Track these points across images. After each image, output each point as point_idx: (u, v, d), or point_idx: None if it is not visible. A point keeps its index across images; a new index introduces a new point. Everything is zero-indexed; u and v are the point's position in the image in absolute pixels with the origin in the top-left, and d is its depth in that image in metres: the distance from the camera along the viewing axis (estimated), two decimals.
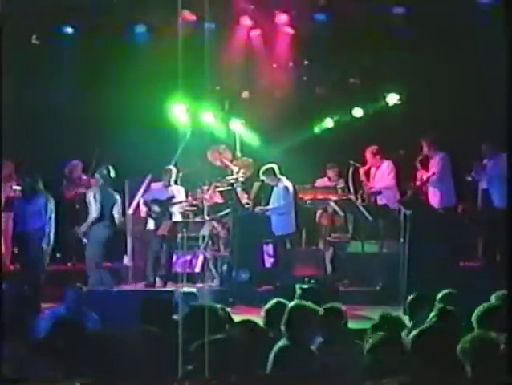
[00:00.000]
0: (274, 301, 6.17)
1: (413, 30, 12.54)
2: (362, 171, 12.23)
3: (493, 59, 11.63)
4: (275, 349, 5.06)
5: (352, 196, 11.90)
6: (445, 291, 6.63)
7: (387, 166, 12.13)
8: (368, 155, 12.20)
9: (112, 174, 10.92)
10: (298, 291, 6.95)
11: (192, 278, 11.62)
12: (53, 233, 10.69)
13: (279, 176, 11.90)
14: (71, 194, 12.30)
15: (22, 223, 10.58)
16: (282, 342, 5.19)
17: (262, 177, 12.01)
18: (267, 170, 11.88)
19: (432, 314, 5.96)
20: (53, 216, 10.68)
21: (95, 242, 10.71)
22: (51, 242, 10.69)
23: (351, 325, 6.83)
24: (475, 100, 12.30)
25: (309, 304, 5.60)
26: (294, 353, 4.98)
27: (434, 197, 11.59)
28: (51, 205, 10.67)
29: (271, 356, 4.97)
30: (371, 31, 12.76)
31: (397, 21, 12.76)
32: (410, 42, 12.54)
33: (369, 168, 12.25)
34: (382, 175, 12.14)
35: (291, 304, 5.57)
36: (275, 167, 11.91)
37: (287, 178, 12.11)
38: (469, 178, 11.50)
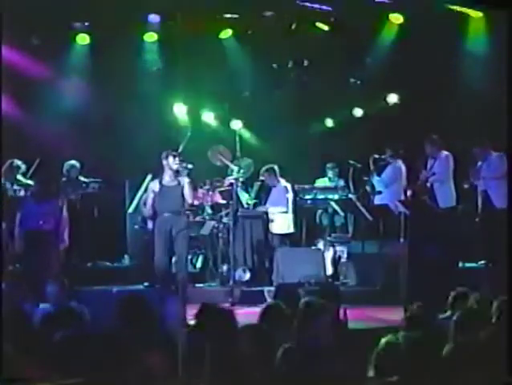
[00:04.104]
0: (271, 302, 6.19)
1: (412, 30, 12.56)
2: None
3: (494, 59, 11.69)
4: (281, 350, 5.04)
5: (353, 196, 11.90)
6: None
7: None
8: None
9: None
10: (303, 293, 6.96)
11: (192, 278, 11.62)
12: (67, 233, 10.70)
13: (279, 177, 12.00)
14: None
15: (36, 223, 10.56)
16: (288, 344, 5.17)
17: (262, 177, 12.09)
18: (268, 170, 12.01)
19: None
20: (67, 215, 10.71)
21: None
22: (66, 243, 10.70)
23: (351, 325, 6.86)
24: (474, 100, 12.31)
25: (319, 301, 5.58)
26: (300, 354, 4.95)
27: (436, 197, 11.57)
28: (66, 206, 10.70)
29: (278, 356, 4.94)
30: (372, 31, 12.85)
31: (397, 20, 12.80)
32: (409, 42, 12.56)
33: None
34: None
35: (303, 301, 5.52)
36: (276, 167, 12.00)
37: (287, 178, 12.17)
38: (466, 186, 11.50)
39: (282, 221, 11.97)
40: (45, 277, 9.62)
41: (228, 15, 12.97)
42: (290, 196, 12.01)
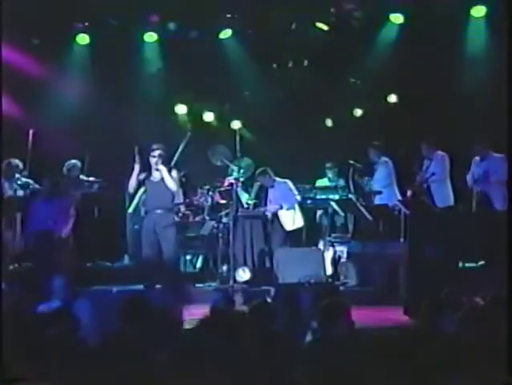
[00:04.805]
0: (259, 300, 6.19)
1: (412, 30, 12.56)
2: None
3: (493, 58, 11.70)
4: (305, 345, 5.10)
5: (353, 196, 11.90)
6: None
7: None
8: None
9: None
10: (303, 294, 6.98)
11: (192, 278, 11.62)
12: (72, 231, 10.71)
13: (274, 176, 11.99)
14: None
15: (44, 223, 10.55)
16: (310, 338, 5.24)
17: (257, 179, 12.08)
18: (262, 171, 12.00)
19: None
20: (74, 214, 10.71)
21: None
22: (72, 242, 10.71)
23: None
24: (474, 101, 12.31)
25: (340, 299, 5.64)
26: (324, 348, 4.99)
27: (434, 197, 11.57)
28: (74, 205, 10.70)
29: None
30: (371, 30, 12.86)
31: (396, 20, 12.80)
32: (409, 42, 12.56)
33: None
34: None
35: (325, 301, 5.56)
36: (268, 168, 11.99)
37: (287, 178, 12.15)
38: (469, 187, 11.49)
39: (288, 218, 11.93)
40: (51, 277, 9.66)
41: (228, 15, 12.98)
42: (293, 189, 11.99)
